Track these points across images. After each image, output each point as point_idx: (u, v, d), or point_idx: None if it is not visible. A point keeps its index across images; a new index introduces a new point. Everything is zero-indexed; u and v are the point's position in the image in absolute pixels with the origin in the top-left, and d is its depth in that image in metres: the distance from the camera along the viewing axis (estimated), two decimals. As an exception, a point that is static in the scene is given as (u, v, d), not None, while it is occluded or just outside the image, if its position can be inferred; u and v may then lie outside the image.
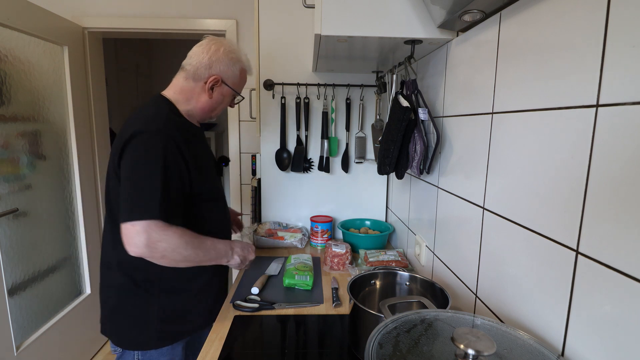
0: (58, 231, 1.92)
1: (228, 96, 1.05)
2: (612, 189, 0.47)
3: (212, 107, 1.04)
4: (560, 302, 0.56)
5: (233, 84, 1.03)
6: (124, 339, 0.99)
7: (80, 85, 2.06)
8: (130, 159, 0.86)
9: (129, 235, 0.84)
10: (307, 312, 1.02)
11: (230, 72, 1.01)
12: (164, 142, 0.87)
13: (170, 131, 0.89)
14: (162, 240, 0.85)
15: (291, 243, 1.51)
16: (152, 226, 0.83)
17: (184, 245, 0.88)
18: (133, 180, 0.85)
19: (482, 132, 0.80)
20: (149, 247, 0.83)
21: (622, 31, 0.46)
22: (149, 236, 0.83)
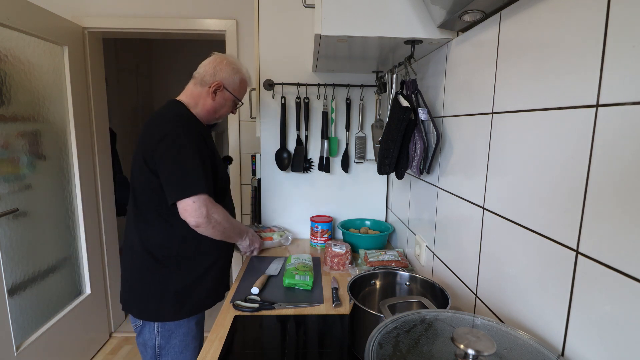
0: (58, 231, 1.92)
1: (229, 101, 1.21)
2: (612, 189, 0.47)
3: (215, 109, 1.19)
4: (560, 302, 0.56)
5: (233, 90, 1.20)
6: (144, 312, 1.12)
7: (80, 85, 2.06)
8: (169, 151, 1.03)
9: (192, 209, 1.02)
10: (307, 312, 1.02)
11: (231, 79, 1.19)
12: (193, 134, 1.07)
13: (194, 126, 1.10)
14: (215, 213, 1.06)
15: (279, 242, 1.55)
16: (207, 201, 1.04)
17: (226, 219, 1.11)
18: (177, 167, 1.02)
19: (482, 132, 0.80)
20: (207, 217, 1.04)
21: (622, 31, 0.46)
22: (208, 209, 1.04)
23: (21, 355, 1.59)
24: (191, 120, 1.12)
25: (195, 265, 1.14)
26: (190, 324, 1.15)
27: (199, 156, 1.04)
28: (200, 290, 1.15)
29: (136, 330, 1.15)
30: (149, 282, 1.11)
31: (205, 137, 1.13)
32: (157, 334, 1.12)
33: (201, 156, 1.05)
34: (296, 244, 1.61)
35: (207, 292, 1.18)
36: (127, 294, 1.16)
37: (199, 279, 1.15)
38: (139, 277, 1.13)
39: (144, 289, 1.12)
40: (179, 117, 1.10)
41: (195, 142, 1.06)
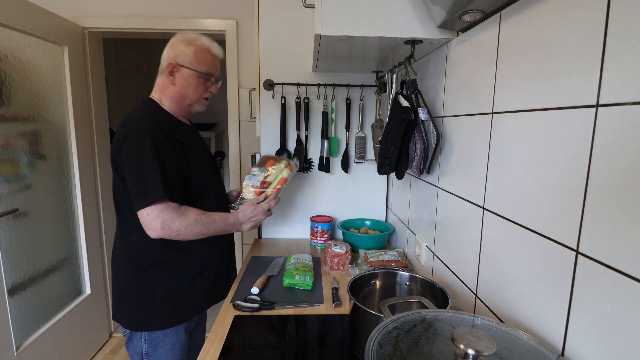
0: (58, 231, 1.92)
1: (191, 78, 1.08)
2: (612, 189, 0.47)
3: (181, 94, 1.09)
4: (560, 302, 0.56)
5: (190, 63, 1.07)
6: (131, 321, 1.08)
7: (80, 85, 2.06)
8: (128, 156, 0.98)
9: (146, 222, 0.97)
10: (307, 312, 1.02)
11: (184, 54, 1.07)
12: (153, 135, 0.98)
13: (156, 124, 1.00)
14: (174, 221, 0.98)
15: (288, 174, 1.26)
16: (163, 210, 0.97)
17: (194, 223, 1.02)
18: (135, 173, 0.97)
19: (482, 132, 0.80)
20: (164, 228, 0.98)
21: (622, 31, 0.46)
22: (163, 219, 0.97)
23: (21, 355, 1.59)
24: (154, 120, 1.02)
25: (181, 271, 1.09)
26: (179, 333, 1.11)
27: (158, 161, 0.96)
28: (189, 297, 1.11)
29: (125, 336, 1.12)
30: (133, 290, 1.07)
31: (171, 136, 1.02)
32: (144, 342, 1.08)
33: (161, 160, 0.97)
34: (296, 244, 1.60)
35: (197, 298, 1.13)
36: (115, 302, 1.12)
37: (186, 286, 1.10)
38: (123, 286, 1.09)
39: (129, 298, 1.08)
40: (141, 117, 1.02)
41: (153, 145, 0.96)
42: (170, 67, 1.07)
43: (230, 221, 1.12)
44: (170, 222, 0.98)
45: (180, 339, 1.12)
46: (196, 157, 1.11)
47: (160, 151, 0.98)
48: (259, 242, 1.64)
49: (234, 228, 1.14)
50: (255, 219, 1.18)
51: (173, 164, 1.00)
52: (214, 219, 1.07)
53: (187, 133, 1.13)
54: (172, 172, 1.00)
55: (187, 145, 1.07)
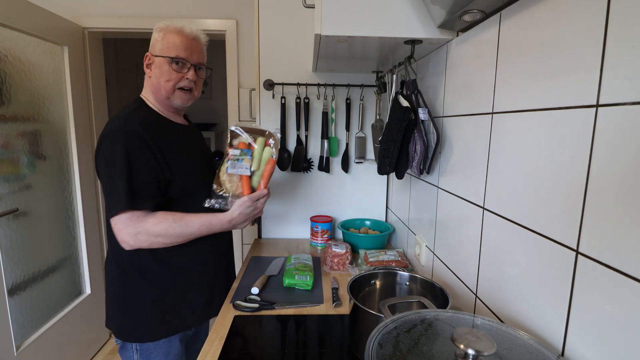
0: (58, 231, 1.92)
1: (163, 65, 0.99)
2: (612, 189, 0.47)
3: (156, 85, 1.01)
4: (560, 302, 0.56)
5: (160, 50, 1.00)
6: (121, 331, 1.03)
7: (80, 85, 2.06)
8: (100, 160, 0.94)
9: (115, 233, 0.93)
10: (307, 312, 1.02)
11: (155, 42, 1.01)
12: (126, 139, 0.91)
13: (131, 127, 0.93)
14: (140, 231, 0.92)
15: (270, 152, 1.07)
16: (128, 220, 0.91)
17: (165, 232, 0.94)
18: (104, 180, 0.93)
19: (482, 132, 0.80)
20: (134, 239, 0.92)
21: (622, 31, 0.46)
22: (129, 230, 0.91)
23: (21, 355, 1.59)
24: (132, 120, 0.95)
25: (170, 281, 1.03)
26: (173, 343, 1.05)
27: (127, 167, 0.90)
28: (180, 309, 1.05)
29: (117, 344, 1.07)
30: (122, 299, 1.02)
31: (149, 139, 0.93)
32: (136, 352, 1.03)
33: (130, 166, 0.90)
34: (296, 244, 1.61)
35: (192, 309, 1.07)
36: (106, 310, 1.07)
37: (176, 297, 1.04)
38: (114, 294, 1.04)
39: (119, 307, 1.03)
40: (118, 118, 0.96)
41: (125, 150, 0.90)
42: (147, 60, 1.02)
43: (216, 227, 1.01)
44: (136, 233, 0.91)
45: (175, 349, 1.06)
46: (183, 159, 1.03)
47: (132, 155, 0.91)
48: (259, 242, 1.64)
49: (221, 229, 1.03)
50: (252, 216, 1.06)
51: (147, 168, 0.93)
52: (193, 225, 0.97)
53: (175, 133, 1.06)
54: (143, 178, 0.92)
55: (170, 147, 0.99)
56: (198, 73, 1.05)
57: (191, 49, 1.01)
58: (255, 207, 1.05)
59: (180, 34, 1.00)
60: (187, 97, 1.05)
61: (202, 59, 1.06)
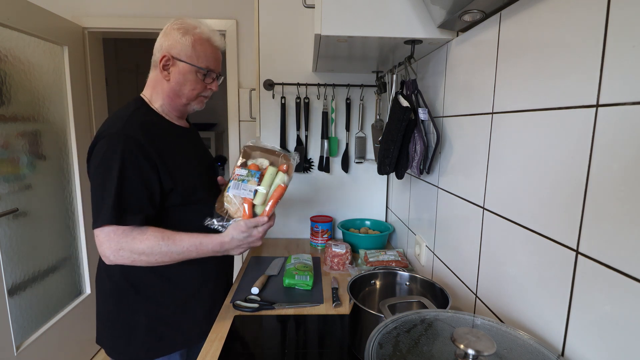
0: (58, 231, 1.92)
1: (189, 73, 0.93)
2: (612, 189, 0.47)
3: (175, 92, 0.95)
4: (560, 302, 0.56)
5: (188, 57, 0.92)
6: (113, 349, 0.96)
7: (80, 85, 2.06)
8: (92, 164, 0.87)
9: (97, 245, 0.85)
10: (307, 312, 1.02)
11: (180, 45, 0.92)
12: (121, 144, 0.84)
13: (129, 131, 0.86)
14: (123, 249, 0.84)
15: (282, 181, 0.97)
16: (111, 234, 0.83)
17: (149, 251, 0.85)
18: (93, 187, 0.86)
19: (482, 132, 0.80)
20: (114, 254, 0.84)
21: (622, 31, 0.46)
22: (110, 245, 0.84)
23: (21, 355, 1.59)
24: (131, 124, 0.88)
25: (167, 297, 0.96)
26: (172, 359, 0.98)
27: (119, 176, 0.82)
28: (178, 326, 0.97)
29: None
30: (114, 315, 0.95)
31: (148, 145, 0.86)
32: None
33: (122, 175, 0.83)
34: (296, 244, 1.60)
35: (192, 323, 0.99)
36: (97, 325, 1.00)
37: (174, 314, 0.97)
38: (105, 309, 0.97)
39: (111, 323, 0.96)
40: (116, 120, 0.89)
41: (120, 156, 0.83)
42: (164, 60, 0.92)
43: (207, 249, 0.91)
44: (118, 249, 0.84)
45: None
46: (185, 164, 0.96)
47: (127, 164, 0.84)
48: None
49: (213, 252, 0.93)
50: (246, 246, 0.96)
51: (141, 179, 0.86)
52: (182, 244, 0.88)
53: (178, 138, 0.99)
54: (135, 189, 0.85)
55: (172, 152, 0.93)
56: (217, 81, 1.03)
57: (218, 60, 0.99)
58: (251, 234, 0.93)
59: (212, 44, 0.95)
60: (204, 102, 1.03)
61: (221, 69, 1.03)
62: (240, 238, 0.93)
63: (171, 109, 0.99)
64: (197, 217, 0.94)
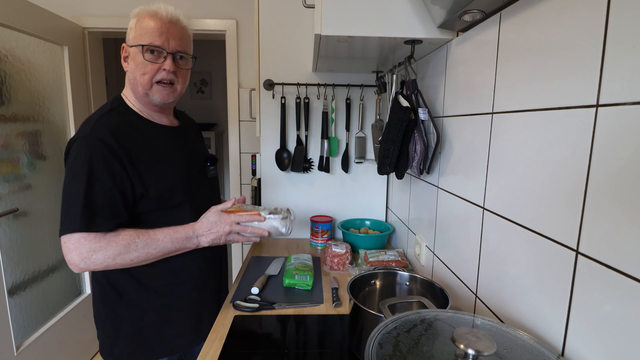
0: (58, 231, 1.91)
1: (137, 55, 0.87)
2: (612, 188, 0.47)
3: (132, 80, 0.90)
4: (560, 302, 0.56)
5: (133, 38, 0.88)
6: (102, 348, 0.96)
7: (80, 85, 2.06)
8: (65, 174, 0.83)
9: (64, 253, 0.81)
10: (307, 312, 1.02)
11: (130, 31, 0.89)
12: (90, 147, 0.81)
13: (98, 133, 0.82)
14: (95, 252, 0.80)
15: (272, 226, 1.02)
16: (80, 240, 0.79)
17: (125, 251, 0.82)
18: (63, 192, 0.82)
19: (482, 132, 0.80)
20: (84, 261, 0.80)
21: (622, 31, 0.46)
22: (80, 252, 0.79)
23: (21, 355, 1.59)
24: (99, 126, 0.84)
25: (148, 302, 0.93)
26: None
27: (86, 181, 0.79)
28: (162, 334, 0.95)
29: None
30: (102, 316, 0.94)
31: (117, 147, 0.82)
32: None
33: (90, 180, 0.79)
34: (296, 244, 1.60)
35: (175, 333, 0.97)
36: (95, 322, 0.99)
37: (159, 319, 0.94)
38: (95, 309, 0.96)
39: (99, 324, 0.95)
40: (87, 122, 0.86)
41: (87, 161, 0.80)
42: (123, 52, 0.90)
43: (180, 235, 0.89)
44: (90, 255, 0.80)
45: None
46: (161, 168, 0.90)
47: (95, 167, 0.80)
48: (259, 242, 1.64)
49: (188, 243, 0.90)
50: (216, 231, 0.92)
51: (111, 183, 0.82)
52: (157, 238, 0.86)
53: (156, 138, 0.93)
54: (105, 194, 0.81)
55: (144, 156, 0.88)
56: (179, 63, 0.91)
57: (167, 34, 0.87)
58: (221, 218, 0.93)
59: (155, 18, 0.87)
60: (167, 91, 0.91)
61: (183, 46, 0.91)
62: (211, 220, 0.92)
63: (141, 104, 0.94)
64: (172, 222, 0.90)
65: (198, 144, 1.10)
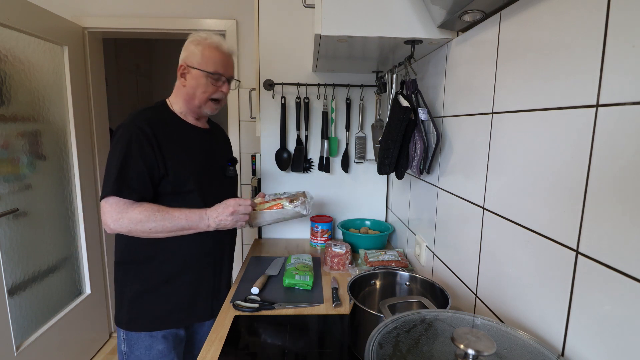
0: (58, 231, 1.92)
1: (200, 78, 1.06)
2: (612, 189, 0.47)
3: (191, 95, 1.08)
4: (560, 302, 0.56)
5: (199, 64, 1.05)
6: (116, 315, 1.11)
7: (80, 85, 2.06)
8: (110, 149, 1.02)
9: (101, 214, 0.98)
10: (307, 312, 1.02)
11: (193, 54, 1.06)
12: (130, 132, 0.99)
13: (139, 123, 1.00)
14: (122, 217, 0.96)
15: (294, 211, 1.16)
16: (113, 204, 0.96)
17: (146, 219, 0.97)
18: (106, 166, 1.00)
19: (482, 132, 0.80)
20: (114, 223, 0.96)
21: (622, 31, 0.46)
22: (111, 214, 0.96)
23: (21, 355, 1.59)
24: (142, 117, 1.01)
25: (149, 275, 1.06)
26: (155, 339, 1.07)
27: (123, 157, 0.96)
28: (157, 306, 1.06)
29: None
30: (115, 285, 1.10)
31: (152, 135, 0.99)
32: (124, 340, 1.08)
33: (126, 157, 0.96)
34: (296, 244, 1.61)
35: (169, 309, 1.07)
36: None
37: (154, 293, 1.06)
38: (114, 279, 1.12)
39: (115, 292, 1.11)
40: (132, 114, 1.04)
41: (127, 141, 0.97)
42: (181, 69, 1.07)
43: (195, 215, 1.02)
44: (118, 217, 0.96)
45: (158, 346, 1.07)
46: (183, 158, 1.05)
47: (131, 148, 0.97)
48: (259, 242, 1.64)
49: (200, 223, 1.02)
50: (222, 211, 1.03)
51: (142, 162, 0.98)
52: (173, 215, 1.00)
53: (187, 134, 1.10)
54: (136, 170, 0.97)
55: (172, 145, 1.03)
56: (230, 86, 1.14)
57: (227, 65, 1.10)
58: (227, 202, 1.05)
59: (219, 50, 1.07)
60: (216, 106, 1.14)
61: (233, 73, 1.14)
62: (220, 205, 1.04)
63: (188, 111, 1.12)
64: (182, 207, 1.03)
65: (222, 147, 1.26)
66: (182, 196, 1.06)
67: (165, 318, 1.08)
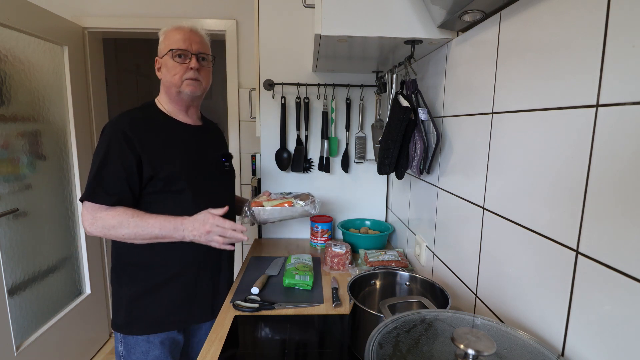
0: (58, 231, 1.92)
1: (168, 61, 1.04)
2: (612, 188, 0.47)
3: (166, 83, 1.06)
4: (560, 302, 0.56)
5: (163, 49, 1.05)
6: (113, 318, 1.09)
7: (80, 85, 2.06)
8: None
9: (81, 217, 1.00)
10: (307, 312, 1.02)
11: (160, 46, 1.07)
12: (110, 135, 0.98)
13: (120, 125, 0.99)
14: (97, 220, 0.96)
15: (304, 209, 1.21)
16: (89, 208, 0.96)
17: (119, 225, 0.95)
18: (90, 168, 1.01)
19: (482, 132, 0.80)
20: (90, 227, 0.96)
21: (622, 31, 0.46)
22: (87, 218, 0.96)
23: (21, 355, 1.59)
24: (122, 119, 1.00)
25: (144, 279, 1.05)
26: (152, 344, 1.06)
27: (101, 160, 0.95)
28: (152, 310, 1.05)
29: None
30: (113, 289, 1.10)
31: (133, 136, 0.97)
32: (121, 343, 1.07)
33: (104, 160, 0.95)
34: (296, 244, 1.61)
35: (164, 313, 1.06)
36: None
37: (149, 296, 1.05)
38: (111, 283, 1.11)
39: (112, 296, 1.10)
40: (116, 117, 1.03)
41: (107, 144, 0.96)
42: (156, 65, 1.08)
43: (170, 225, 0.97)
44: (93, 222, 0.96)
45: (154, 351, 1.06)
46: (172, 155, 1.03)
47: (110, 151, 0.96)
48: (259, 242, 1.64)
49: (175, 233, 0.98)
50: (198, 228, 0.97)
51: (121, 164, 0.96)
52: (147, 223, 0.96)
53: (175, 132, 1.07)
54: (113, 173, 0.95)
55: (158, 145, 1.01)
56: (202, 63, 1.07)
57: (190, 40, 1.05)
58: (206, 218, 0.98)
59: (178, 29, 1.05)
60: (195, 84, 1.06)
61: (203, 49, 1.07)
62: (198, 218, 0.99)
63: (174, 105, 1.10)
64: (175, 205, 1.03)
65: (216, 143, 1.22)
66: (173, 195, 1.03)
67: (163, 320, 1.07)
